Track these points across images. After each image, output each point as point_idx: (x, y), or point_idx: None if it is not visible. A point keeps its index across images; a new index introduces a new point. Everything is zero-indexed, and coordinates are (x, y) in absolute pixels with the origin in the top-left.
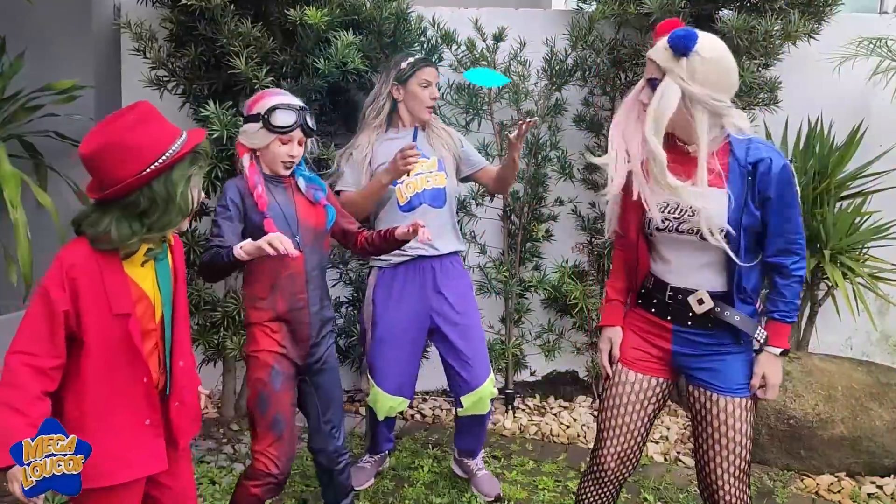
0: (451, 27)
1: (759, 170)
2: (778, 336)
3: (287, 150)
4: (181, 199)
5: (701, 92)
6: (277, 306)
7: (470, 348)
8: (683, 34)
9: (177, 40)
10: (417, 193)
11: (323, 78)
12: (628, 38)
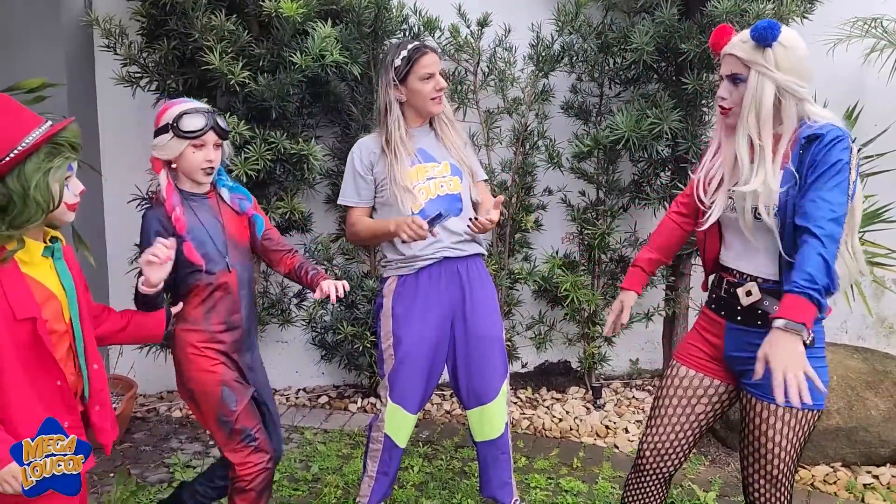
0: (433, 14)
1: (814, 141)
2: (784, 308)
3: (203, 156)
4: (37, 193)
5: (787, 80)
6: (212, 327)
7: (483, 363)
8: (768, 25)
9: (149, 35)
10: (431, 200)
11: (300, 72)
12: (616, 22)
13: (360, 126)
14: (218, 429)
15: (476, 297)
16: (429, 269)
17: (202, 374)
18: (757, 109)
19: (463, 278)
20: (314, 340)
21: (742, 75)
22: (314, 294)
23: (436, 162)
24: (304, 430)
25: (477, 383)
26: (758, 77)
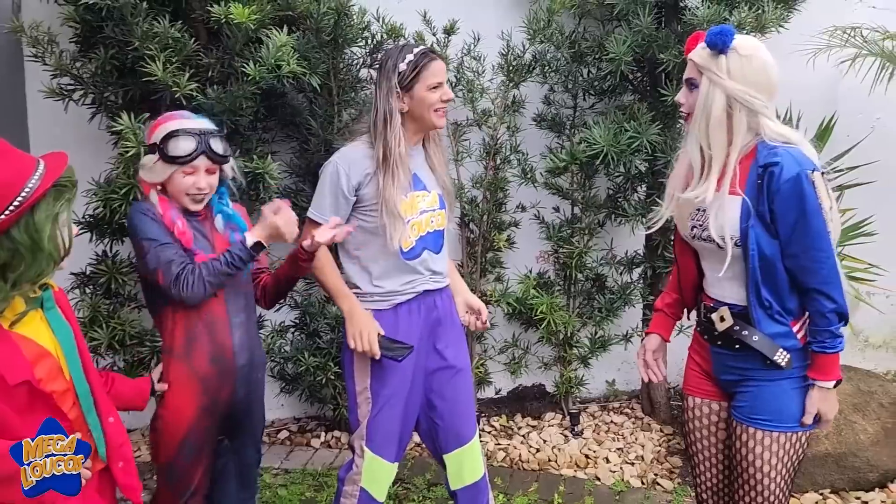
0: (397, 21)
1: (770, 175)
2: (821, 368)
3: (193, 182)
4: (50, 244)
5: (739, 89)
6: (194, 362)
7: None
8: (719, 31)
9: (84, 43)
10: (420, 237)
11: (254, 83)
12: (590, 30)
13: (321, 141)
14: (164, 475)
15: (450, 328)
16: (408, 303)
17: (172, 413)
18: (706, 117)
19: (440, 309)
20: (273, 371)
21: (696, 80)
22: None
23: (426, 191)
24: (264, 472)
25: (458, 421)
26: (708, 84)
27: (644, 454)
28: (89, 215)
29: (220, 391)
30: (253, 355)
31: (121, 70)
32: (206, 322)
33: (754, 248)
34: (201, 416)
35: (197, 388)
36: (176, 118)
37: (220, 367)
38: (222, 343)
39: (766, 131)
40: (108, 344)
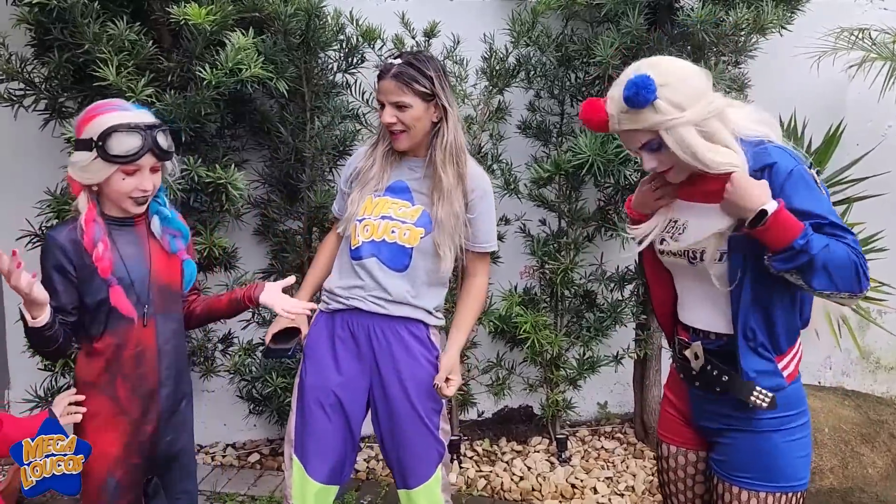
0: (374, 22)
1: (768, 174)
2: (779, 220)
3: (136, 183)
4: None
5: (696, 110)
6: (117, 393)
7: (402, 449)
8: (636, 82)
9: (39, 45)
10: (373, 242)
11: (213, 88)
12: (578, 32)
13: (291, 149)
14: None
15: (397, 366)
16: (342, 315)
17: (95, 451)
18: (693, 158)
19: (377, 341)
20: (241, 392)
21: (654, 143)
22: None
23: (409, 203)
24: (227, 500)
25: (398, 463)
26: (670, 133)
27: (635, 484)
28: (44, 227)
29: (143, 425)
30: (179, 384)
31: (77, 75)
32: (134, 352)
33: (740, 264)
34: (127, 452)
35: (121, 423)
36: (113, 110)
37: (145, 400)
38: (149, 373)
39: (739, 127)
40: (64, 363)
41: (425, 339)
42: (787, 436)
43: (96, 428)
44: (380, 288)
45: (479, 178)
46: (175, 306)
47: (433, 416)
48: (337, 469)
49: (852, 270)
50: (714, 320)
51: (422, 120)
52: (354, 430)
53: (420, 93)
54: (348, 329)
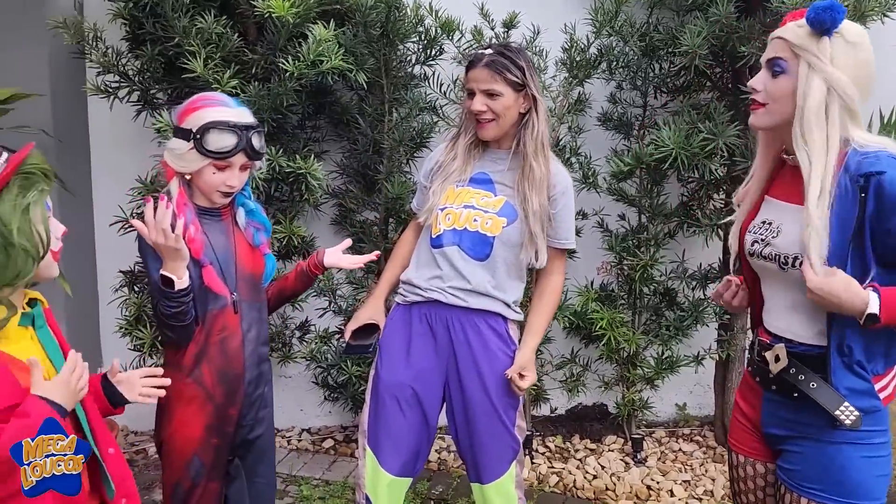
0: (453, 14)
1: (871, 186)
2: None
3: (225, 178)
4: (22, 238)
5: (842, 81)
6: (204, 379)
7: (477, 445)
8: (829, 5)
9: (133, 39)
10: (454, 230)
11: (295, 80)
12: (663, 21)
13: (369, 140)
14: (170, 495)
15: (476, 360)
16: (419, 307)
17: (180, 429)
18: (802, 108)
19: (455, 334)
20: (317, 379)
21: (785, 63)
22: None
23: (490, 193)
24: (303, 483)
25: (472, 457)
26: (808, 69)
27: (714, 489)
28: (137, 212)
29: (227, 409)
30: (261, 370)
31: (167, 67)
32: (220, 337)
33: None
34: (210, 434)
35: (205, 406)
36: (216, 105)
37: (229, 384)
38: (234, 359)
39: (856, 136)
40: (152, 344)
41: (504, 334)
42: (865, 451)
43: (182, 409)
44: (459, 277)
45: (561, 174)
46: (258, 295)
47: (510, 411)
48: (410, 462)
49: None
50: (804, 330)
51: (511, 109)
52: (430, 424)
53: (511, 82)
54: (426, 322)
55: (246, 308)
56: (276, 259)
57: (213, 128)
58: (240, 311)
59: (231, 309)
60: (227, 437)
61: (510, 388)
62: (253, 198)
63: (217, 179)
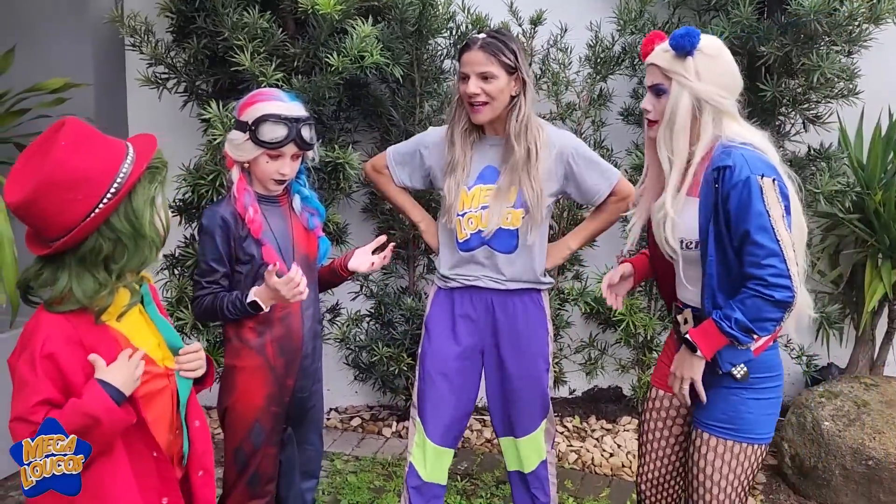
0: (482, 11)
1: (722, 177)
2: (697, 329)
3: (276, 167)
4: (151, 229)
5: (709, 90)
6: (266, 351)
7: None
8: (685, 32)
9: (179, 32)
10: (479, 232)
11: (337, 74)
12: (685, 20)
13: (401, 132)
14: (232, 458)
15: (515, 333)
16: (460, 292)
17: (243, 397)
18: (672, 123)
19: (497, 313)
20: (347, 359)
21: (663, 86)
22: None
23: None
24: (335, 458)
25: (508, 416)
26: (678, 88)
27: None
28: (179, 200)
29: (286, 379)
30: (316, 346)
31: (212, 59)
32: (282, 314)
33: (712, 253)
34: (269, 402)
35: (267, 376)
36: (271, 99)
37: (289, 357)
38: (294, 334)
39: (728, 132)
40: (193, 324)
41: (539, 304)
42: (754, 394)
43: (246, 379)
44: (494, 270)
45: (559, 137)
46: (313, 275)
47: (544, 375)
48: (451, 431)
49: (763, 309)
50: (694, 297)
51: (504, 92)
52: (470, 397)
53: (505, 64)
54: (468, 304)
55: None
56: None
57: (266, 120)
58: None
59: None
60: (284, 406)
61: (546, 356)
62: (308, 185)
63: (271, 168)
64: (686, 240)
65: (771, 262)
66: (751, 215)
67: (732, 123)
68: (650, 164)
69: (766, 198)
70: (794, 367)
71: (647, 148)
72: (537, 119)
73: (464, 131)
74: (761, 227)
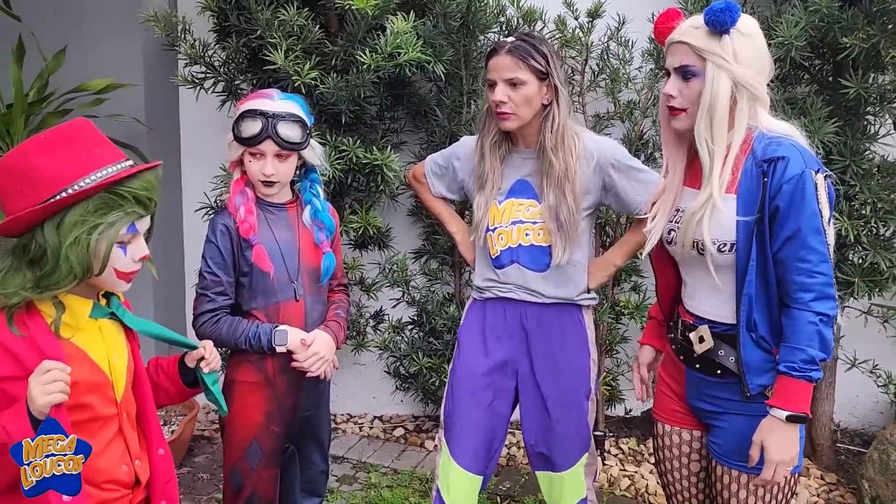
0: (535, 4)
1: (774, 170)
2: (784, 394)
3: (259, 167)
4: (72, 251)
5: (747, 74)
6: (266, 367)
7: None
8: (725, 6)
9: (221, 31)
10: (510, 248)
11: (374, 72)
12: (758, 10)
13: (447, 132)
14: (228, 478)
15: (549, 349)
16: (493, 302)
17: (241, 415)
18: (712, 109)
19: (529, 325)
20: (389, 368)
21: (695, 68)
22: None
23: (535, 200)
24: (372, 470)
25: (546, 447)
26: (714, 71)
27: (796, 503)
28: (219, 200)
29: (287, 397)
30: None
31: (251, 58)
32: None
33: (754, 257)
34: (269, 420)
35: (266, 393)
36: (259, 97)
37: (291, 375)
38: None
39: (764, 122)
40: None
41: (578, 321)
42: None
43: (244, 394)
44: (526, 289)
45: (597, 146)
46: (322, 291)
47: (584, 402)
48: (481, 455)
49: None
50: (719, 310)
51: (534, 100)
52: (502, 415)
53: (535, 69)
54: (500, 316)
55: (310, 302)
56: (352, 248)
57: (244, 117)
58: (303, 303)
59: (293, 300)
60: (285, 426)
61: (585, 379)
62: (322, 196)
63: (254, 167)
64: (719, 241)
65: (822, 270)
66: (805, 214)
67: (765, 113)
68: (672, 162)
69: (819, 196)
70: (880, 396)
71: (667, 143)
72: (573, 126)
73: (493, 143)
74: (815, 229)
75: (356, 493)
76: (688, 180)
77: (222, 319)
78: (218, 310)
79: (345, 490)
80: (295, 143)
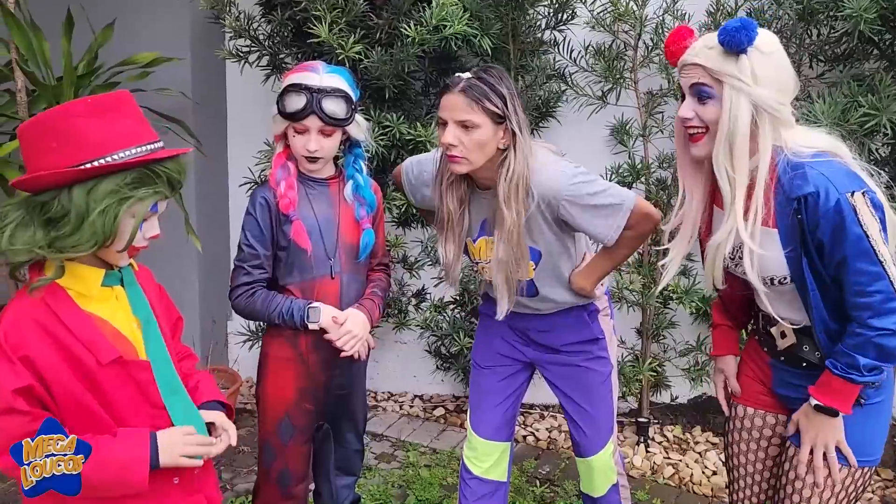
0: None
1: (806, 207)
2: (822, 386)
3: (303, 142)
4: (99, 220)
5: (767, 96)
6: (300, 344)
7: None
8: (740, 25)
9: (266, 4)
10: None
11: (418, 45)
12: None
13: None
14: (262, 450)
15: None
16: None
17: (273, 390)
18: (732, 135)
19: (541, 332)
20: (430, 347)
21: (710, 89)
22: None
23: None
24: (410, 449)
25: (576, 431)
26: (731, 93)
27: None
28: (263, 175)
29: (320, 375)
30: None
31: (296, 32)
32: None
33: (812, 287)
34: (301, 397)
35: (299, 370)
36: (304, 70)
37: (323, 352)
38: None
39: (789, 143)
40: None
41: (585, 318)
42: (864, 414)
43: (276, 369)
44: (524, 305)
45: (545, 186)
46: (360, 269)
47: (602, 390)
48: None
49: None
50: (794, 315)
51: (488, 145)
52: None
53: (491, 112)
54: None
55: (346, 280)
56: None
57: (289, 91)
58: (339, 280)
59: (329, 277)
60: (319, 404)
61: (600, 368)
62: (366, 172)
63: (298, 143)
64: (776, 277)
65: (877, 288)
66: (848, 242)
67: (790, 132)
68: (690, 188)
69: (861, 217)
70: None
71: (684, 168)
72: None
73: (450, 183)
74: (861, 252)
75: (394, 471)
76: (717, 200)
77: (258, 293)
78: (254, 283)
79: (383, 468)
80: (340, 118)
